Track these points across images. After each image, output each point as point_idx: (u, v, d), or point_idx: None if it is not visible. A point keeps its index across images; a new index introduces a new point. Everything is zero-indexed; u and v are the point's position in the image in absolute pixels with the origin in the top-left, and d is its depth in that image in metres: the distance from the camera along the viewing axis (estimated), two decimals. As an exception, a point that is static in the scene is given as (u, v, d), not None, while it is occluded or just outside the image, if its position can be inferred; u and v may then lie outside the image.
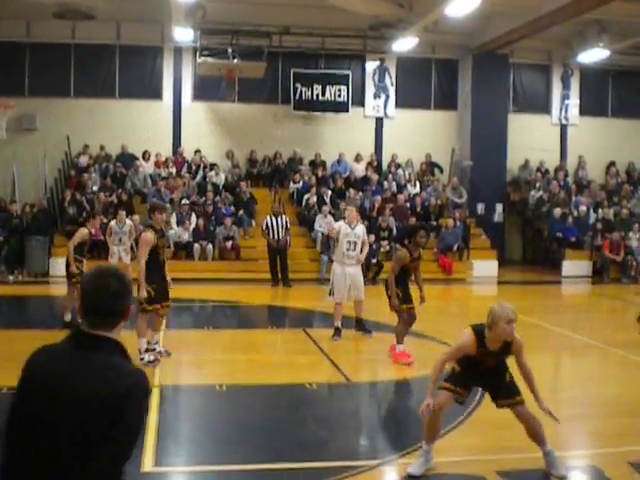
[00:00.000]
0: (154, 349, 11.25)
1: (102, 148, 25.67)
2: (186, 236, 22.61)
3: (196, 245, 22.39)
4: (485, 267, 24.02)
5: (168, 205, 23.01)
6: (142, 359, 10.78)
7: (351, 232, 13.26)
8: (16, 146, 24.31)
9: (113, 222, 18.89)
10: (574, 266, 24.50)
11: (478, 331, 6.70)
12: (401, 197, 25.02)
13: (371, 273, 21.25)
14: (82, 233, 14.28)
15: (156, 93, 26.56)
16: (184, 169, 25.77)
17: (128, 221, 18.88)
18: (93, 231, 15.42)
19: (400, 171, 27.10)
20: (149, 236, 10.84)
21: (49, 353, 3.19)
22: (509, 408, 6.89)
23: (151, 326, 11.26)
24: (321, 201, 24.42)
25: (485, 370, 6.86)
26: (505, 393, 6.89)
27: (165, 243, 11.46)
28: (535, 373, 6.89)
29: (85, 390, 2.98)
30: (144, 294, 10.72)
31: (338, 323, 13.02)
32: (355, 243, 13.22)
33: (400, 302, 11.36)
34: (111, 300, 3.15)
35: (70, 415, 2.98)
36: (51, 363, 3.12)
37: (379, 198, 24.74)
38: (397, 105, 27.98)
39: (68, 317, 13.89)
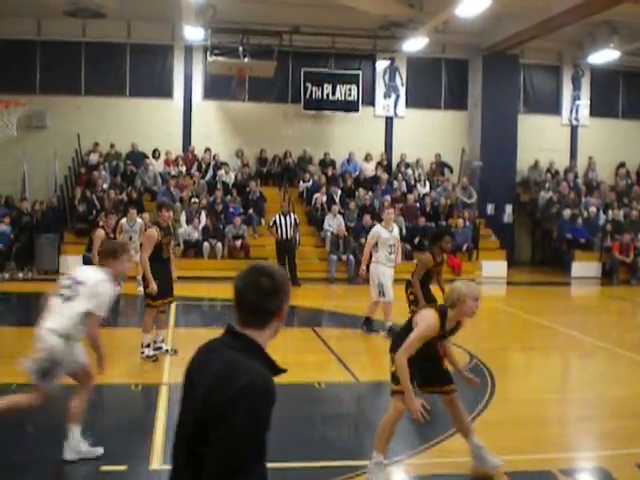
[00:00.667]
0: (160, 347, 11.30)
1: (112, 146, 25.73)
2: (195, 234, 22.64)
3: (205, 244, 22.43)
4: (494, 267, 23.98)
5: (178, 204, 23.12)
6: (142, 353, 11.01)
7: (390, 236, 13.46)
8: (26, 144, 24.38)
9: (124, 220, 18.61)
10: (583, 267, 24.45)
11: (442, 311, 6.54)
12: (411, 197, 25.01)
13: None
14: (100, 236, 14.34)
15: (166, 92, 26.62)
16: (194, 168, 25.82)
17: (139, 219, 18.69)
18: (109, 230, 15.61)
19: (410, 171, 27.10)
20: (153, 232, 10.99)
21: (200, 348, 3.26)
22: (442, 395, 6.83)
23: (156, 324, 11.32)
24: (331, 200, 24.43)
25: (429, 355, 6.64)
26: (442, 380, 6.82)
27: (169, 240, 11.50)
28: (543, 374, 6.90)
29: (203, 387, 3.02)
30: (154, 288, 10.79)
31: (390, 322, 13.04)
32: (394, 246, 13.51)
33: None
34: (261, 297, 3.11)
35: (191, 412, 3.04)
36: (194, 358, 3.22)
37: (389, 198, 24.71)
38: (407, 105, 27.97)
39: None
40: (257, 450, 2.94)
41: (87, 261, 15.53)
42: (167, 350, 11.41)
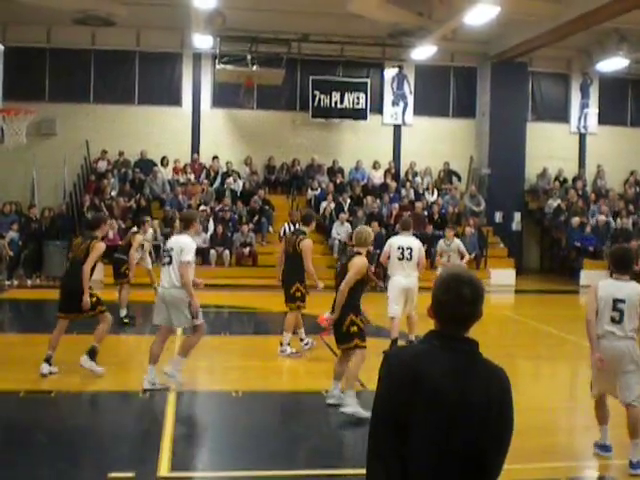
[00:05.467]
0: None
1: (121, 154, 25.79)
2: (199, 241, 22.65)
3: (212, 251, 22.46)
4: (502, 276, 23.91)
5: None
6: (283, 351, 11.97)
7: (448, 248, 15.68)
8: (36, 151, 24.44)
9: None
10: (592, 275, 24.21)
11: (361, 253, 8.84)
12: (419, 205, 24.98)
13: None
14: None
15: (175, 99, 26.68)
16: (202, 175, 25.86)
17: (150, 230, 18.80)
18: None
19: (418, 179, 27.09)
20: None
21: (418, 354, 3.23)
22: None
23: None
24: (339, 208, 24.44)
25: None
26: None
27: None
28: (551, 382, 6.91)
29: (469, 394, 3.04)
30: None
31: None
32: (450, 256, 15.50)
33: None
34: (467, 308, 3.20)
35: (457, 417, 3.03)
36: (426, 365, 3.12)
37: (397, 206, 24.73)
38: (415, 113, 27.96)
39: (122, 313, 14.85)
40: None
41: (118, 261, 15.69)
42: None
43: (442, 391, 3.01)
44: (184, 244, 9.69)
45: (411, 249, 12.63)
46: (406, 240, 12.82)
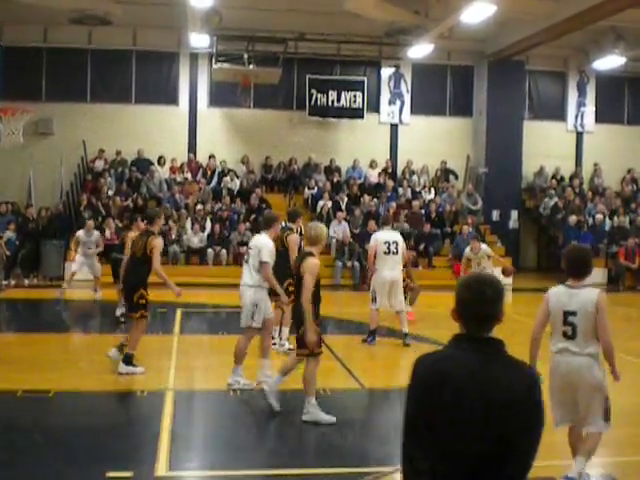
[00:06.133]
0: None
1: (118, 153, 25.77)
2: (196, 241, 22.65)
3: (209, 250, 22.45)
4: (500, 274, 23.86)
5: (183, 210, 23.21)
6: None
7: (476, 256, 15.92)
8: (33, 150, 24.44)
9: (81, 232, 18.56)
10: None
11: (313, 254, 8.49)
12: (416, 203, 25.00)
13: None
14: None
15: (172, 99, 26.68)
16: (199, 174, 25.85)
17: (95, 231, 18.69)
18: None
19: (415, 177, 27.11)
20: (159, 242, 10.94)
21: (444, 357, 3.33)
22: None
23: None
24: (336, 207, 24.44)
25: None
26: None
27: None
28: (548, 380, 6.87)
29: (495, 393, 3.09)
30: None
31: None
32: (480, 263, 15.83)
33: None
34: (488, 307, 3.30)
35: (478, 417, 3.06)
36: (452, 367, 3.21)
37: (394, 204, 24.74)
38: (412, 111, 27.98)
39: (118, 312, 14.80)
40: None
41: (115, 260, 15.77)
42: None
43: (469, 392, 3.08)
44: (263, 244, 9.93)
45: (397, 243, 13.21)
46: (391, 235, 13.49)
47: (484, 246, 16.39)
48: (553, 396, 6.50)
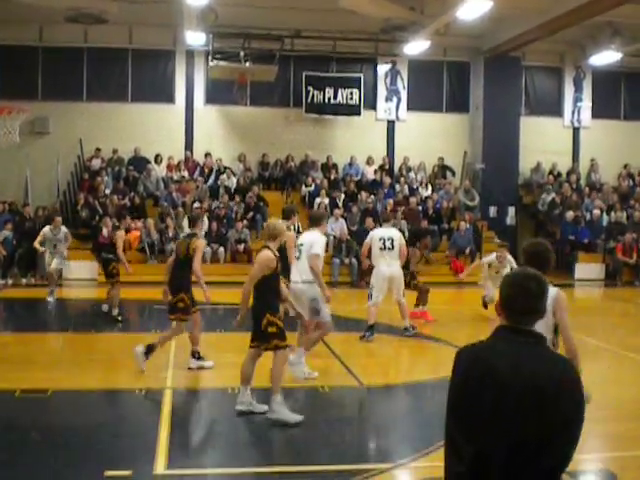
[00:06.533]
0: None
1: (115, 151, 25.75)
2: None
3: (207, 248, 22.41)
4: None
5: (180, 208, 23.22)
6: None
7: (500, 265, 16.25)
8: (29, 149, 24.42)
9: (47, 228, 18.01)
10: (587, 269, 24.41)
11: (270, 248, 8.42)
12: (413, 200, 25.00)
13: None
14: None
15: (168, 97, 26.65)
16: (196, 172, 25.85)
17: (63, 228, 18.12)
18: (105, 233, 15.67)
19: (412, 174, 27.11)
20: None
21: (486, 348, 3.37)
22: None
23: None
24: (333, 204, 24.44)
25: None
26: None
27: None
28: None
29: (536, 384, 3.14)
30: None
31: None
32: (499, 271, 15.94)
33: None
34: (532, 301, 3.37)
35: (522, 407, 3.11)
36: (494, 358, 3.26)
37: (391, 201, 24.75)
38: (409, 108, 27.96)
39: (105, 307, 15.18)
40: None
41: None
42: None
43: (513, 382, 3.14)
44: (314, 239, 10.38)
45: (392, 239, 13.51)
46: (387, 231, 13.83)
47: (510, 257, 16.85)
48: None
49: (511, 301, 3.37)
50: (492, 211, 27.02)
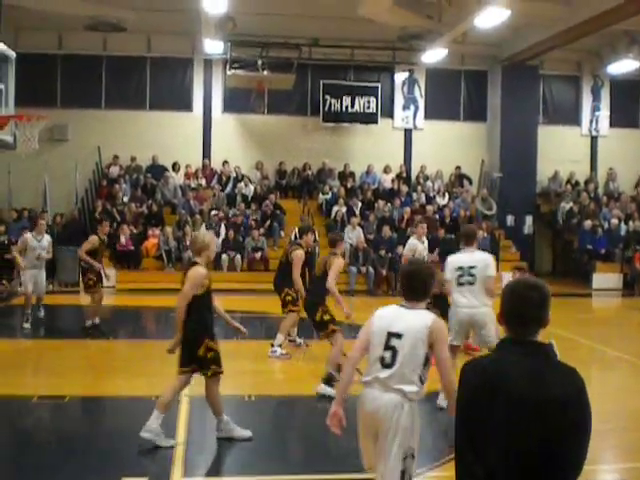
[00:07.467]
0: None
1: (133, 159, 25.89)
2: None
3: (224, 256, 22.48)
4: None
5: (198, 216, 23.28)
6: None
7: (423, 248, 15.03)
8: (48, 157, 24.52)
9: (29, 234, 15.83)
10: (604, 279, 24.29)
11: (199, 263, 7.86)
12: (430, 208, 24.98)
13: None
14: (92, 240, 14.35)
15: (186, 105, 26.77)
16: (214, 180, 25.94)
17: (47, 235, 16.15)
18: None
19: (429, 182, 27.09)
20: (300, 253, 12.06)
21: (492, 361, 3.42)
22: None
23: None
24: (350, 212, 24.46)
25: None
26: None
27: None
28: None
29: (544, 396, 3.15)
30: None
31: None
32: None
33: None
34: (534, 311, 3.35)
35: (531, 419, 3.13)
36: (501, 371, 3.27)
37: (408, 209, 24.74)
38: (426, 116, 27.97)
39: (90, 322, 14.43)
40: None
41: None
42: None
43: (518, 394, 3.14)
44: (487, 260, 9.83)
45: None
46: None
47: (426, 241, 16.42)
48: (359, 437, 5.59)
49: (513, 311, 3.36)
50: (509, 220, 26.96)
